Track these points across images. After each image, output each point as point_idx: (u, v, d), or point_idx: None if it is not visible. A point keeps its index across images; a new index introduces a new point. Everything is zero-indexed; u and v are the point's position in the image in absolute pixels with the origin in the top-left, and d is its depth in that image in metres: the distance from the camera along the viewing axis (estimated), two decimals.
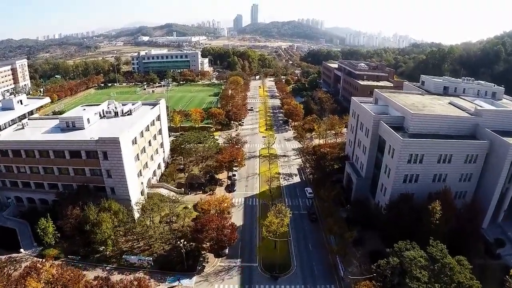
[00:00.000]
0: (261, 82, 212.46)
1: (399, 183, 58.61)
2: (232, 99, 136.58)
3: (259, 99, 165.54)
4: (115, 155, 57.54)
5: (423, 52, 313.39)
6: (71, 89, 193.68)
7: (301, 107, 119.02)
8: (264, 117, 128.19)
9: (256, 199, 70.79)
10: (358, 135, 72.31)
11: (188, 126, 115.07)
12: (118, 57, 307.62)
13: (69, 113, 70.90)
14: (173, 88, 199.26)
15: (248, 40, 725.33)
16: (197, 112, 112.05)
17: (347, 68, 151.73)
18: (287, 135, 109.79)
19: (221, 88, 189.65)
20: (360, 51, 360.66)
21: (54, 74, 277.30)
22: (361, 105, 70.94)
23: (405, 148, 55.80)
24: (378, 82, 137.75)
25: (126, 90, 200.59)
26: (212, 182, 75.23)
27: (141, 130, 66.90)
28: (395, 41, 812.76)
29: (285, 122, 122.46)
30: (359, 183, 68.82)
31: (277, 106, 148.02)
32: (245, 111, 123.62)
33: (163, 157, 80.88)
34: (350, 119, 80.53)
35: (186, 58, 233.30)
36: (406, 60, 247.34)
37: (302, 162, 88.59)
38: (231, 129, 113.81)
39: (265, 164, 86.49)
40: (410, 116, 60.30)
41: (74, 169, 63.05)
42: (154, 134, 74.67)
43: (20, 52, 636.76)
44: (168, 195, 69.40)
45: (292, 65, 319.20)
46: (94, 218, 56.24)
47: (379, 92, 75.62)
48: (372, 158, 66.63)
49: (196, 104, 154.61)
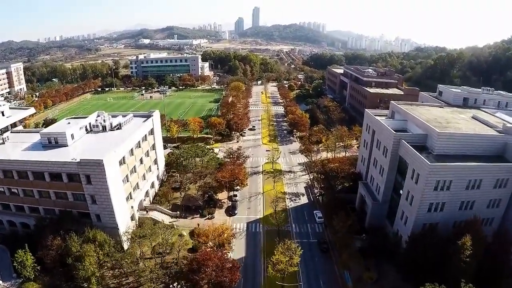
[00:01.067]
0: (263, 87, 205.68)
1: (423, 212, 51.38)
2: (233, 107, 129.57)
3: (262, 106, 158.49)
4: (99, 179, 50.37)
5: (428, 56, 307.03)
6: (67, 94, 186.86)
7: (307, 117, 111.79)
8: (267, 127, 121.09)
9: (260, 224, 63.42)
10: (374, 154, 65.00)
11: (186, 136, 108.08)
12: (117, 61, 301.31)
13: (52, 127, 63.80)
14: (172, 93, 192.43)
15: (249, 43, 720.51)
16: (196, 122, 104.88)
17: (354, 75, 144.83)
18: (292, 147, 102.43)
19: (222, 94, 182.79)
20: (364, 55, 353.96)
21: (52, 77, 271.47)
22: (378, 120, 63.65)
23: (432, 174, 48.55)
24: (387, 90, 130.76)
25: (124, 95, 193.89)
26: (211, 203, 67.93)
27: (131, 148, 59.72)
28: (397, 44, 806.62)
29: (290, 132, 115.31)
30: (375, 207, 61.49)
31: (281, 114, 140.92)
32: (247, 121, 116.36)
33: (157, 175, 73.69)
34: (364, 133, 73.25)
35: (186, 62, 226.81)
36: (413, 65, 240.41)
37: (309, 180, 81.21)
38: (232, 140, 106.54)
39: (269, 181, 79.19)
40: (436, 135, 53.02)
41: (55, 193, 55.94)
42: (147, 150, 67.53)
43: (21, 54, 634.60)
44: (162, 219, 62.16)
45: (294, 69, 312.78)
46: (77, 251, 49.10)
47: (397, 104, 68.36)
48: (391, 181, 59.32)
49: (195, 111, 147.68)
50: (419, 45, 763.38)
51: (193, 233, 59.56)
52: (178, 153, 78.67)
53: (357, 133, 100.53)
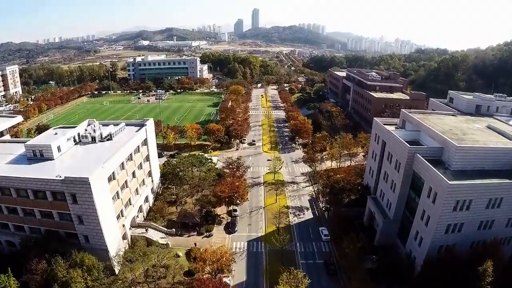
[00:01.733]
0: (263, 90, 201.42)
1: (440, 234, 47.00)
2: (232, 112, 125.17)
3: (262, 110, 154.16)
4: (86, 199, 45.87)
5: (431, 58, 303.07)
6: (62, 98, 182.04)
7: (309, 123, 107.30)
8: (268, 133, 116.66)
9: (261, 243, 58.89)
10: (385, 167, 60.59)
11: (183, 143, 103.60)
12: (114, 63, 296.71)
13: (38, 139, 59.25)
14: (169, 97, 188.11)
15: (249, 45, 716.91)
16: (193, 129, 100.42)
17: (357, 78, 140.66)
18: (294, 156, 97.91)
19: (221, 98, 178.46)
20: (365, 58, 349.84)
21: (49, 80, 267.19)
22: (389, 131, 59.15)
23: (452, 194, 44.18)
24: (392, 94, 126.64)
25: (120, 98, 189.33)
26: (209, 219, 63.40)
27: (122, 161, 55.20)
28: (397, 46, 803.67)
29: (292, 139, 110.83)
30: (386, 226, 57.05)
31: (282, 119, 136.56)
32: (247, 127, 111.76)
33: (151, 188, 69.17)
34: (372, 144, 68.83)
35: (184, 65, 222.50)
36: (415, 68, 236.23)
37: (314, 192, 76.74)
38: (231, 148, 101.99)
39: (271, 193, 74.73)
40: (454, 149, 48.62)
41: (40, 212, 51.44)
42: (140, 162, 63.03)
43: (19, 55, 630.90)
44: (157, 239, 57.63)
45: (295, 72, 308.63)
46: (63, 276, 44.78)
47: (408, 113, 63.96)
48: (403, 197, 54.91)
49: (193, 116, 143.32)
50: (419, 46, 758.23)
51: (189, 253, 55.06)
52: (174, 164, 74.09)
53: (363, 140, 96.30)
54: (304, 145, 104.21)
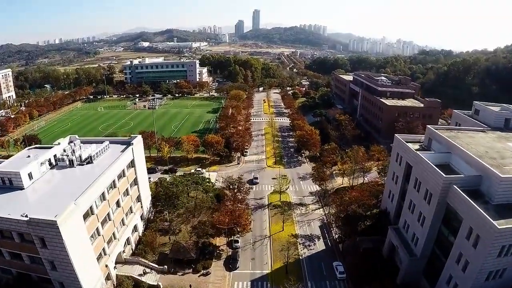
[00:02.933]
0: (265, 94, 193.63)
1: (480, 281, 38.99)
2: (233, 120, 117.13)
3: (265, 117, 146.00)
4: (56, 243, 37.90)
5: (436, 60, 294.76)
6: (55, 103, 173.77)
7: (317, 133, 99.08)
8: (271, 143, 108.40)
9: (267, 283, 50.76)
10: (410, 195, 52.35)
11: (179, 156, 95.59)
12: (111, 66, 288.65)
13: (7, 163, 50.95)
14: (167, 102, 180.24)
15: (249, 46, 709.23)
16: (190, 141, 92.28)
17: (365, 83, 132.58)
18: (301, 171, 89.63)
19: (221, 103, 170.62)
20: (369, 59, 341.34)
21: (45, 83, 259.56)
22: (416, 154, 50.51)
23: (500, 240, 36.12)
24: (404, 101, 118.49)
25: (116, 103, 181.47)
26: (206, 252, 55.30)
27: (103, 192, 47.16)
28: (399, 47, 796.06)
29: (298, 151, 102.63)
30: (412, 264, 48.97)
31: (286, 127, 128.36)
32: (249, 138, 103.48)
33: (141, 214, 61.15)
34: (393, 164, 60.59)
35: (183, 68, 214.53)
36: (423, 71, 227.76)
37: (324, 216, 68.63)
38: (232, 162, 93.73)
39: (276, 218, 66.57)
40: (498, 181, 40.37)
41: (9, 252, 43.54)
42: (126, 188, 55.00)
43: (19, 57, 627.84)
44: (146, 279, 49.60)
45: (297, 74, 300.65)
46: None
47: (436, 131, 55.73)
48: (433, 232, 46.66)
49: (191, 123, 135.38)
50: (421, 47, 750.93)
51: None
52: (166, 185, 65.93)
53: (376, 153, 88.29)
54: (311, 157, 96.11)
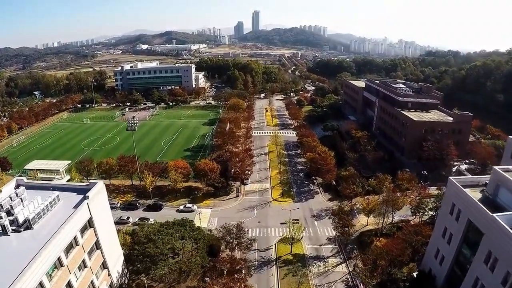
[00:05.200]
0: (267, 101, 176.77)
1: None
2: (231, 137, 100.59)
3: (268, 130, 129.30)
4: None
5: (447, 62, 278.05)
6: (38, 115, 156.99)
7: (331, 156, 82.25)
8: (277, 166, 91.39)
9: None
10: (476, 268, 35.34)
11: (166, 186, 78.88)
12: (103, 71, 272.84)
13: None
14: (159, 112, 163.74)
15: (249, 48, 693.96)
16: (179, 168, 75.67)
17: (382, 91, 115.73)
18: (315, 206, 72.48)
19: (218, 112, 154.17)
20: (375, 61, 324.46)
21: (35, 90, 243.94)
22: (493, 218, 33.79)
23: None
24: (428, 113, 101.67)
25: (104, 114, 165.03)
26: None
27: (40, 279, 30.69)
28: (401, 47, 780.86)
29: (308, 176, 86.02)
30: None
31: (293, 143, 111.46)
32: (250, 162, 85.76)
33: (109, 284, 44.55)
34: (444, 216, 43.78)
35: (178, 73, 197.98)
36: (436, 74, 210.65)
37: (348, 273, 52.03)
38: (229, 194, 76.50)
39: (287, 282, 49.88)
40: None
41: None
42: (82, 259, 38.49)
43: (16, 61, 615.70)
44: None
45: (300, 78, 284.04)
46: None
47: (504, 174, 39.19)
48: None
49: (184, 139, 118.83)
50: (423, 47, 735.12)
51: None
52: (144, 241, 49.29)
53: (405, 183, 71.76)
54: (325, 186, 79.39)
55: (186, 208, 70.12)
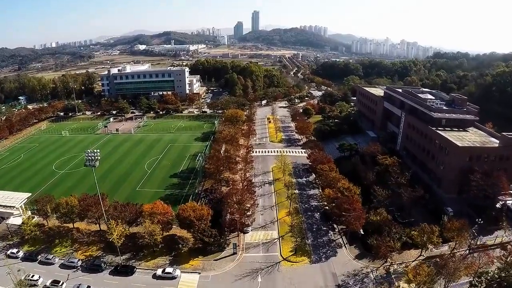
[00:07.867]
0: (270, 110, 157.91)
1: None
2: (228, 162, 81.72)
3: (271, 147, 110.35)
4: None
5: (460, 65, 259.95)
6: (12, 127, 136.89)
7: (358, 195, 63.34)
8: (285, 201, 72.42)
9: None
10: None
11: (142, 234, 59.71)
12: (91, 74, 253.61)
13: None
14: (147, 122, 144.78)
15: (249, 49, 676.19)
16: (158, 213, 56.76)
17: (408, 103, 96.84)
18: (339, 268, 52.58)
19: (214, 124, 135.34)
20: (383, 63, 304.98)
21: (20, 94, 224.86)
22: None
23: None
24: (466, 132, 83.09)
25: (86, 124, 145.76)
26: None
27: None
28: (403, 48, 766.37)
29: (325, 217, 67.20)
30: None
31: (303, 166, 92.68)
32: (252, 200, 65.81)
33: None
34: None
35: (170, 77, 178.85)
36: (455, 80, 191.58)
37: None
38: (223, 250, 56.70)
39: None
40: None
41: None
42: None
43: (12, 62, 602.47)
44: None
45: (303, 81, 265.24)
46: None
47: None
48: None
49: (172, 160, 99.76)
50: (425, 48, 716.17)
51: None
52: None
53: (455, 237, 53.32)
54: (350, 235, 60.48)
55: (165, 274, 51.34)
